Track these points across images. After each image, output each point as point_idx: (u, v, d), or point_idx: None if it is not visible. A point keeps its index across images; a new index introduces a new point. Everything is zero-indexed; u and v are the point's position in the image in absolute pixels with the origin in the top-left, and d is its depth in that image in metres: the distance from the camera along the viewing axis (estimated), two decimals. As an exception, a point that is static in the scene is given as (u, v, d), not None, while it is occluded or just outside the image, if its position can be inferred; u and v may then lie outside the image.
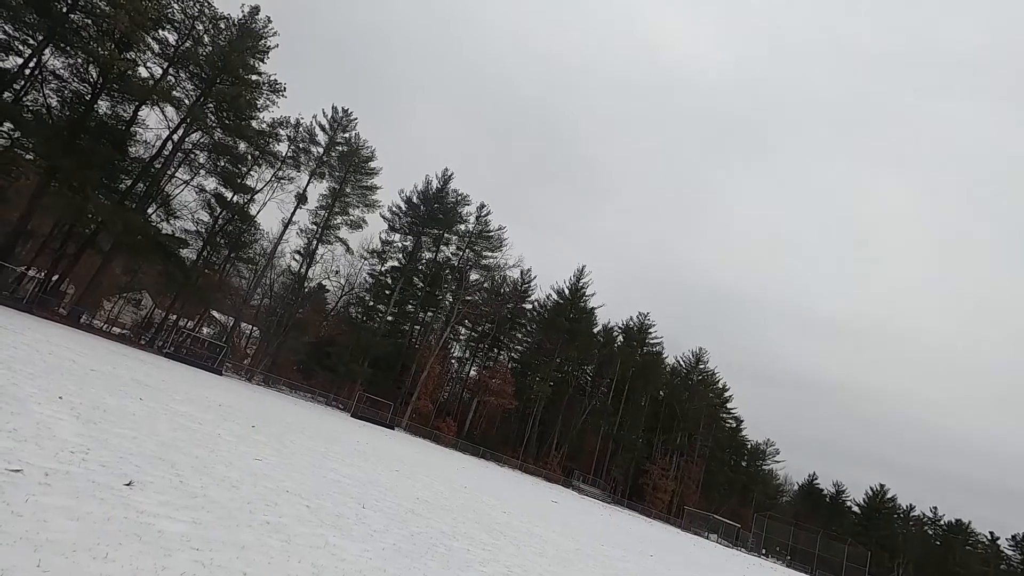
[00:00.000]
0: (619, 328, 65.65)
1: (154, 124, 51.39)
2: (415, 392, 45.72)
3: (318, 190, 47.02)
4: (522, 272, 58.14)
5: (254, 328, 52.51)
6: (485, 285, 54.73)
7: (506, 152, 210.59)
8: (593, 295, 60.07)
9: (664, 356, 66.16)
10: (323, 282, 51.23)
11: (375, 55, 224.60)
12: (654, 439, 61.16)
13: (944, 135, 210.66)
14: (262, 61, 37.20)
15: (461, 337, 58.02)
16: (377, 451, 16.24)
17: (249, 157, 39.30)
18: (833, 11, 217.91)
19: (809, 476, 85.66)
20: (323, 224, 46.85)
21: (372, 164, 47.83)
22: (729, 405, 71.32)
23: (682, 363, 69.24)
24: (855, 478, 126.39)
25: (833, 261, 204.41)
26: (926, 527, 78.66)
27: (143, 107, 32.79)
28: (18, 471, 3.58)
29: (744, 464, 76.54)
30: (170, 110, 33.72)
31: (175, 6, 32.30)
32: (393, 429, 38.55)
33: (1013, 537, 72.73)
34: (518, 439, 53.03)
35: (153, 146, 34.94)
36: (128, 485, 4.11)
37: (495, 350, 59.19)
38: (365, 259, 51.69)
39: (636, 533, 21.21)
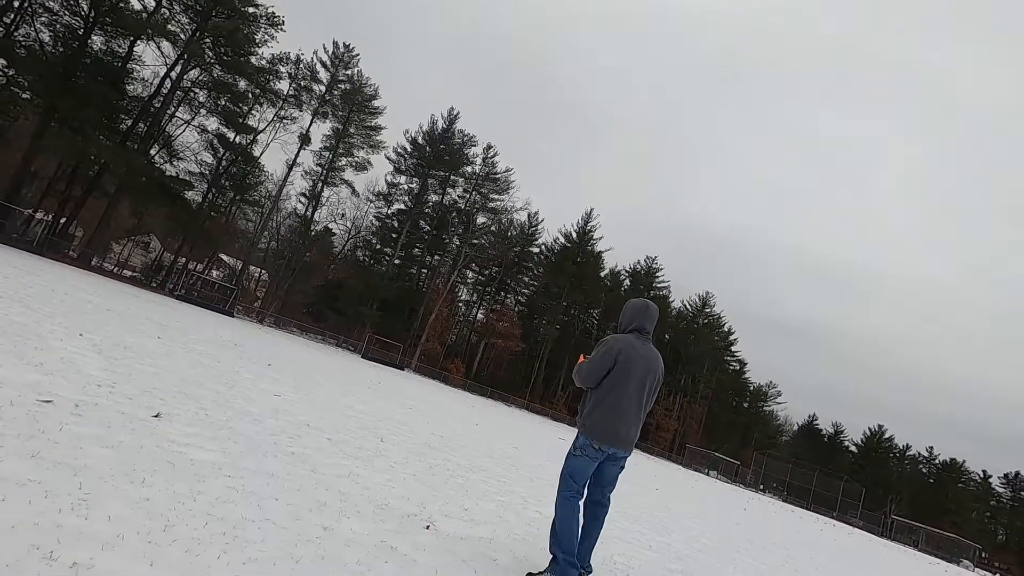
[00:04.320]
0: (626, 272, 65.67)
1: (151, 61, 49.76)
2: (423, 334, 46.42)
3: (321, 130, 46.15)
4: (529, 215, 57.63)
5: (263, 271, 52.86)
6: (492, 228, 54.38)
7: (503, 99, 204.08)
8: (601, 239, 59.73)
9: (671, 300, 66.34)
10: (329, 225, 51.10)
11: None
12: (658, 381, 62.30)
13: (946, 81, 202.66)
14: (258, -9, 35.53)
15: (468, 280, 58.29)
16: (390, 390, 16.62)
17: (250, 95, 38.24)
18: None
19: (809, 417, 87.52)
20: (327, 166, 46.17)
21: (376, 103, 46.55)
22: (734, 348, 72.13)
23: (688, 307, 69.55)
24: (855, 422, 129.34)
25: (834, 210, 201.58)
26: (921, 466, 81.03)
27: (138, 42, 31.68)
28: (49, 402, 3.64)
29: (746, 405, 78.06)
30: (166, 45, 32.62)
31: (164, -69, 30.61)
32: (403, 370, 39.41)
33: (1005, 475, 75.08)
34: (524, 381, 54.19)
35: (151, 84, 34.02)
36: (156, 417, 4.20)
37: (502, 293, 59.54)
38: (371, 202, 51.29)
39: (641, 468, 21.92)
